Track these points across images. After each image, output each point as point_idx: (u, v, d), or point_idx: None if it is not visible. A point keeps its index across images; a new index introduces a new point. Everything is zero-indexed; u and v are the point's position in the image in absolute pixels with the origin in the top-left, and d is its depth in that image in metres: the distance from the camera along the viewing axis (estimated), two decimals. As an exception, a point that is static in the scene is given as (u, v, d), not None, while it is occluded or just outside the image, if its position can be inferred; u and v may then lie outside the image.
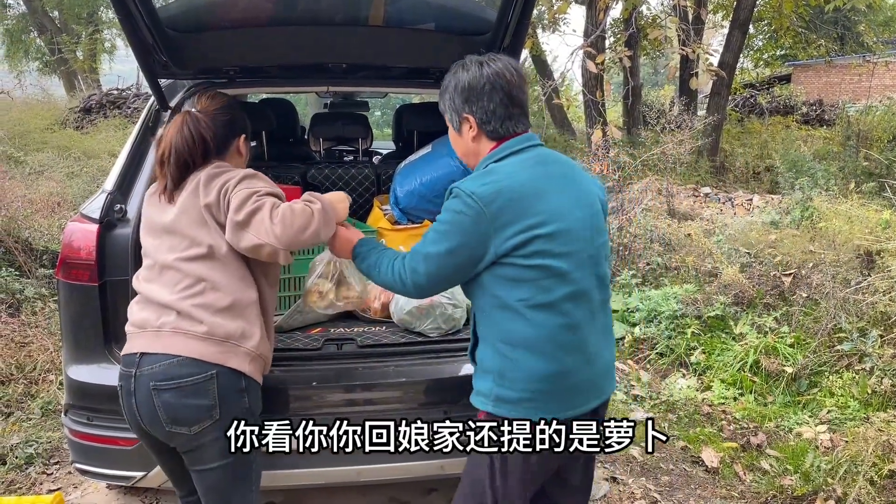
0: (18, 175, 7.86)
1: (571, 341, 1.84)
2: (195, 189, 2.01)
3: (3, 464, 3.37)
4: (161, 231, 2.04)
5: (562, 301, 1.81)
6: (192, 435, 1.93)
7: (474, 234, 1.79)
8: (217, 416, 1.93)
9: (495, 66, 1.90)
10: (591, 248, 1.88)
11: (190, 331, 1.93)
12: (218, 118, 2.12)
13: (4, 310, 4.63)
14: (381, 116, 24.08)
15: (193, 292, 1.96)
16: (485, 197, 1.78)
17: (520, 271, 1.80)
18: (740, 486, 3.33)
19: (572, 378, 1.85)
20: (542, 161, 1.91)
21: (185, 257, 1.98)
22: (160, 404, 1.90)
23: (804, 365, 4.26)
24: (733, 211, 8.94)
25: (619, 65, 11.49)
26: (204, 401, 1.91)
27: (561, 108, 15.22)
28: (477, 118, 1.91)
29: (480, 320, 1.92)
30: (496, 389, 1.87)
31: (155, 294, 1.99)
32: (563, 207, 1.83)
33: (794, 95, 18.89)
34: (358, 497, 3.18)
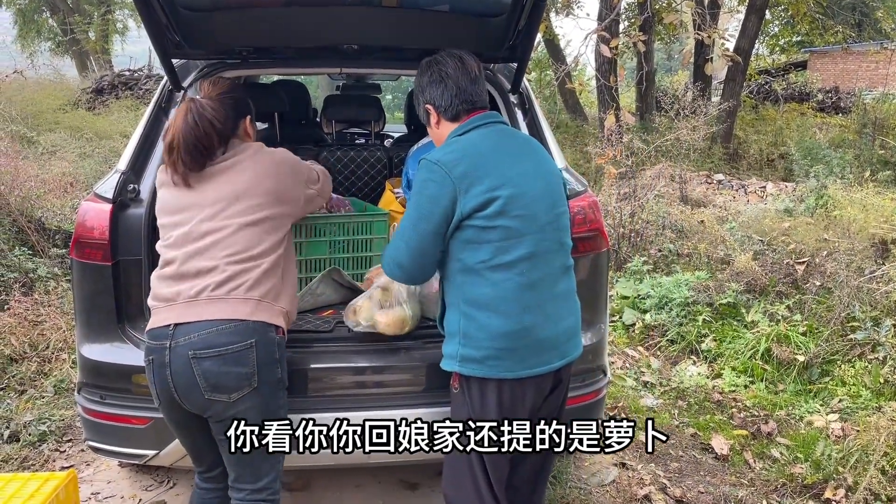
0: (31, 155, 7.89)
1: (530, 300, 1.98)
2: (266, 169, 2.16)
3: (17, 441, 3.40)
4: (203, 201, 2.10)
5: (520, 261, 1.97)
6: (231, 402, 1.99)
7: (442, 196, 1.96)
8: (255, 384, 2.00)
9: (442, 60, 2.15)
10: (549, 214, 2.04)
11: (229, 296, 2.01)
12: (223, 102, 2.16)
13: (18, 289, 4.66)
14: (393, 100, 24.00)
15: (240, 258, 2.04)
16: (448, 162, 1.97)
17: (480, 233, 1.96)
18: (750, 474, 3.33)
19: (532, 336, 1.99)
20: (502, 134, 2.13)
21: (242, 223, 2.07)
22: (200, 372, 1.96)
23: (816, 353, 4.24)
24: (746, 198, 8.88)
25: (633, 49, 11.39)
26: (244, 368, 1.98)
27: (573, 93, 15.10)
28: (434, 105, 2.15)
29: (446, 287, 2.09)
30: (461, 350, 2.02)
31: (192, 264, 2.04)
32: (521, 174, 2.01)
33: (810, 82, 18.69)
34: (367, 478, 3.19)
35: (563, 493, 3.08)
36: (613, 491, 3.16)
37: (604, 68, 10.27)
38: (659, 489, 3.18)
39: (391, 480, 3.19)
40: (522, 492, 2.28)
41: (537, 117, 2.98)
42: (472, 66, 2.15)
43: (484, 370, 2.00)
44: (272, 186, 2.15)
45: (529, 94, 3.08)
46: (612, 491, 3.16)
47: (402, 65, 3.31)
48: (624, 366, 4.55)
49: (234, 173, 2.13)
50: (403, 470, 3.23)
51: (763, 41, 20.73)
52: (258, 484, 2.10)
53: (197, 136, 2.07)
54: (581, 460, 3.39)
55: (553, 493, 3.05)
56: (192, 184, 2.10)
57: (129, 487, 3.13)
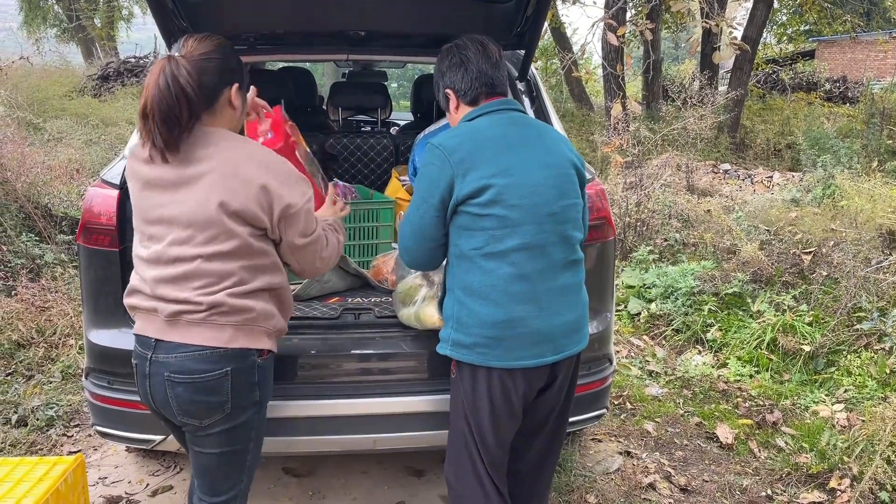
0: (38, 142, 7.90)
1: (521, 291, 1.96)
2: (212, 184, 1.80)
3: (25, 425, 3.43)
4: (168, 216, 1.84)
5: (513, 251, 1.95)
6: (202, 426, 1.91)
7: (441, 179, 1.96)
8: (228, 410, 1.90)
9: (463, 44, 2.13)
10: (552, 206, 1.99)
11: (207, 321, 1.84)
12: (202, 65, 1.82)
13: (25, 274, 4.67)
14: (398, 88, 23.94)
15: (215, 290, 1.83)
16: (449, 147, 1.98)
17: (474, 220, 1.95)
18: (754, 463, 3.33)
19: (522, 327, 1.97)
20: (514, 122, 2.08)
21: (207, 254, 1.82)
22: (173, 396, 1.86)
23: (822, 344, 4.23)
24: (753, 188, 8.84)
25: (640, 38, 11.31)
26: (217, 397, 1.87)
27: (579, 81, 15.01)
28: (453, 89, 2.13)
29: (447, 272, 2.10)
30: (453, 334, 2.04)
31: (165, 290, 1.85)
32: (523, 163, 1.98)
33: (818, 72, 18.56)
34: (373, 465, 3.21)
35: (568, 480, 3.09)
36: (618, 479, 3.17)
37: (610, 57, 10.22)
38: (664, 477, 3.19)
39: (397, 467, 3.20)
40: (527, 478, 2.29)
41: (545, 105, 2.97)
42: (494, 51, 2.13)
43: (473, 357, 2.00)
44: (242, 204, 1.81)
45: (537, 82, 3.07)
46: (616, 479, 3.17)
47: (408, 51, 3.30)
48: (629, 355, 4.55)
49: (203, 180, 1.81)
50: (409, 456, 3.25)
51: (771, 30, 20.60)
52: (215, 499, 2.02)
53: (169, 104, 1.75)
54: (586, 448, 3.40)
55: (558, 481, 3.06)
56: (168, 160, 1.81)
57: (136, 472, 3.15)
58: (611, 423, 3.66)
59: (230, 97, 1.91)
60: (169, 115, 1.75)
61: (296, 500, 2.96)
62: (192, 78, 1.77)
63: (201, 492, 2.03)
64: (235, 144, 1.86)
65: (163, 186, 1.83)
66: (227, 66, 1.89)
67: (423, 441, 2.63)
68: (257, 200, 1.81)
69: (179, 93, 1.75)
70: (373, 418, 2.52)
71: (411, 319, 2.41)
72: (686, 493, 3.10)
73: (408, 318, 2.43)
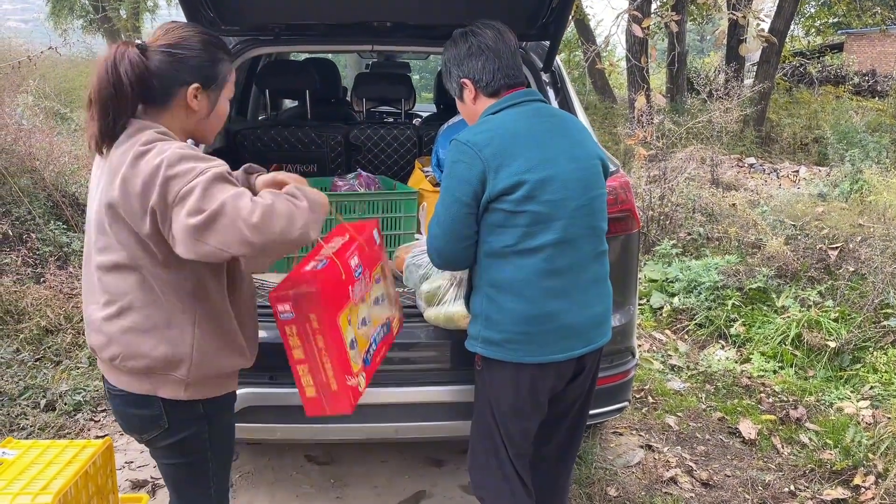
0: (65, 131, 7.98)
1: (555, 286, 1.94)
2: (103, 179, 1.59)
3: (53, 410, 3.49)
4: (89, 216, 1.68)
5: (546, 247, 1.91)
6: (144, 440, 1.81)
7: (472, 177, 1.90)
8: (166, 426, 1.73)
9: (480, 30, 2.04)
10: (581, 198, 1.96)
11: (115, 362, 1.69)
12: (155, 56, 1.61)
13: (53, 262, 4.74)
14: (419, 80, 23.90)
15: (109, 313, 1.66)
16: (478, 143, 1.91)
17: (506, 217, 1.90)
18: (777, 459, 3.31)
19: (555, 322, 1.95)
20: (538, 114, 2.02)
21: (100, 265, 1.65)
22: (112, 408, 1.78)
23: (848, 340, 4.18)
24: (779, 182, 8.74)
25: (665, 30, 11.19)
26: (149, 411, 1.72)
27: (602, 74, 14.91)
28: (471, 78, 2.04)
29: (474, 269, 2.05)
30: (483, 331, 2.01)
31: (84, 304, 1.75)
32: (553, 156, 1.93)
33: (846, 65, 18.25)
34: (393, 454, 3.23)
35: (589, 472, 3.09)
36: (639, 472, 3.16)
37: (635, 49, 10.13)
38: (685, 472, 3.18)
39: (417, 456, 3.22)
40: (550, 468, 2.29)
41: (569, 96, 2.96)
42: (511, 38, 2.06)
43: (504, 353, 1.98)
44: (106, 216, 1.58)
45: (562, 73, 3.05)
46: (637, 472, 3.17)
47: (433, 42, 3.30)
48: (651, 349, 4.53)
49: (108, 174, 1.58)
50: (429, 446, 3.26)
51: (799, 22, 20.26)
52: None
53: (107, 91, 1.57)
54: (607, 441, 3.40)
55: (579, 473, 3.06)
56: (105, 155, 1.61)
57: (162, 457, 3.20)
58: (632, 416, 3.64)
59: (188, 97, 1.66)
60: (105, 104, 1.57)
61: (317, 488, 2.99)
62: (133, 68, 1.57)
63: (171, 497, 1.95)
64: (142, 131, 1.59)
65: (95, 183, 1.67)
66: (187, 63, 1.64)
67: (444, 431, 2.65)
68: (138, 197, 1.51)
69: (117, 82, 1.56)
70: (394, 407, 2.54)
71: (440, 319, 2.39)
72: (708, 487, 3.08)
73: (435, 317, 2.40)
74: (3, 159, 5.25)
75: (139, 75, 1.57)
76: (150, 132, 1.58)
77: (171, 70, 1.63)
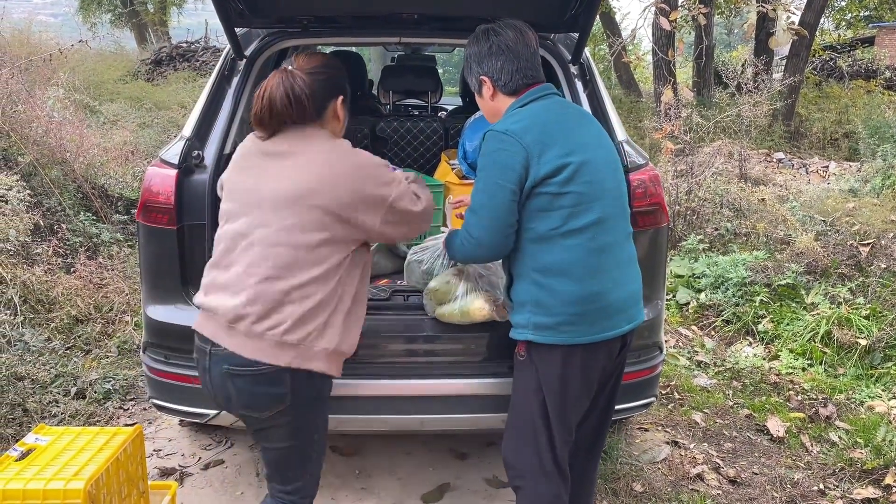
0: (94, 124, 8.09)
1: (600, 264, 2.00)
2: (337, 173, 1.89)
3: (84, 398, 3.54)
4: (266, 200, 1.89)
5: (591, 226, 1.98)
6: (262, 419, 1.95)
7: (515, 163, 1.95)
8: (288, 403, 1.91)
9: (501, 30, 2.09)
10: (613, 181, 2.07)
11: (264, 333, 1.85)
12: (315, 76, 1.94)
13: (83, 252, 4.81)
14: (443, 74, 23.87)
15: (293, 284, 1.85)
16: (518, 131, 1.97)
17: (551, 200, 1.96)
18: (806, 457, 3.26)
19: (603, 300, 2.01)
20: (562, 106, 2.13)
21: (292, 242, 1.86)
22: (233, 389, 1.90)
23: (879, 338, 4.11)
24: (808, 178, 8.60)
25: (693, 23, 11.06)
26: (277, 389, 1.89)
27: (628, 67, 14.77)
28: (490, 77, 2.10)
29: (514, 258, 2.07)
30: (533, 318, 2.03)
31: (233, 273, 1.89)
32: (586, 142, 2.03)
33: (878, 59, 17.88)
34: (418, 446, 3.24)
35: (615, 468, 3.07)
36: (665, 468, 3.14)
37: (661, 42, 10.01)
38: (712, 468, 3.15)
39: (441, 449, 3.22)
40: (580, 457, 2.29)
41: (598, 88, 2.93)
42: (531, 38, 2.12)
43: (559, 336, 2.01)
44: (339, 198, 1.87)
45: (590, 65, 3.03)
46: (663, 468, 3.14)
47: (460, 35, 3.28)
48: (677, 345, 4.49)
49: (298, 167, 1.90)
50: (453, 439, 3.27)
51: (829, 15, 19.90)
52: (286, 486, 2.06)
53: (284, 107, 1.88)
54: (632, 437, 3.37)
55: (604, 468, 3.04)
56: (260, 162, 1.94)
57: (189, 446, 3.24)
58: (658, 412, 3.62)
59: (336, 108, 2.01)
60: (280, 117, 1.91)
61: (342, 479, 3.01)
62: (307, 86, 1.90)
63: (271, 481, 2.08)
64: (332, 139, 2.00)
65: (252, 177, 1.96)
66: (335, 78, 2.01)
67: (470, 423, 2.65)
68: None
69: (295, 97, 1.88)
70: (420, 399, 2.54)
71: (454, 315, 2.40)
72: (735, 484, 3.05)
73: (450, 314, 2.41)
74: (34, 151, 5.33)
75: (313, 90, 1.91)
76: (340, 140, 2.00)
77: (326, 86, 1.96)
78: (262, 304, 1.85)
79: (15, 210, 4.51)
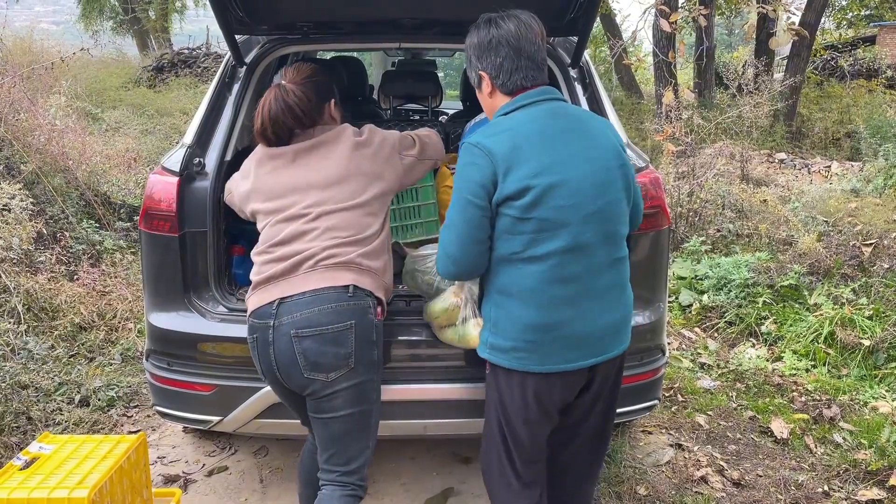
0: (96, 131, 8.12)
1: (563, 294, 1.89)
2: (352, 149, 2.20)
3: (87, 405, 3.55)
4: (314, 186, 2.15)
5: (555, 254, 1.86)
6: (329, 381, 2.03)
7: (483, 178, 1.85)
8: (352, 365, 2.04)
9: (504, 23, 1.95)
10: (596, 203, 1.89)
11: (332, 265, 2.07)
12: (305, 87, 2.18)
13: (86, 260, 4.82)
14: (444, 78, 23.88)
15: (346, 240, 2.10)
16: (488, 145, 1.86)
17: (513, 223, 1.86)
18: (810, 458, 3.26)
19: (563, 331, 1.90)
20: (552, 114, 1.94)
21: (345, 207, 2.13)
22: (301, 350, 2.01)
23: (883, 338, 4.10)
24: (810, 178, 8.59)
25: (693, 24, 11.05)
26: (343, 349, 2.02)
27: (629, 70, 14.77)
28: (489, 73, 1.97)
29: (485, 274, 2.02)
30: (490, 338, 1.99)
31: (295, 246, 2.10)
32: (565, 159, 1.87)
33: (879, 58, 17.86)
34: (421, 451, 3.24)
35: (618, 471, 3.07)
36: (669, 471, 3.14)
37: (662, 44, 10.01)
38: (716, 471, 3.14)
39: (444, 454, 3.22)
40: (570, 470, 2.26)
41: (598, 92, 2.94)
42: (537, 33, 1.96)
43: (510, 361, 1.95)
44: (366, 167, 2.20)
45: (590, 68, 3.03)
46: (667, 471, 3.14)
47: (460, 39, 3.29)
48: (680, 347, 4.48)
49: (323, 158, 2.18)
50: (456, 444, 3.27)
51: (830, 15, 19.89)
52: (349, 466, 2.11)
53: (283, 118, 2.14)
54: (636, 440, 3.37)
55: (608, 472, 3.04)
56: (286, 165, 2.19)
57: (193, 452, 3.24)
58: (661, 415, 3.61)
59: (330, 110, 2.28)
60: (280, 127, 2.16)
61: (346, 484, 3.00)
62: (300, 97, 2.15)
63: (332, 464, 2.12)
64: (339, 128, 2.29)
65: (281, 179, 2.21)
66: (324, 85, 2.26)
67: (473, 428, 2.62)
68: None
69: (289, 109, 2.13)
70: (423, 404, 2.54)
71: (455, 341, 2.33)
72: (739, 487, 3.05)
73: (451, 339, 2.34)
74: (37, 159, 5.35)
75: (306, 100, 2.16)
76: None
77: (316, 93, 2.21)
78: (327, 249, 2.09)
79: (18, 218, 4.52)
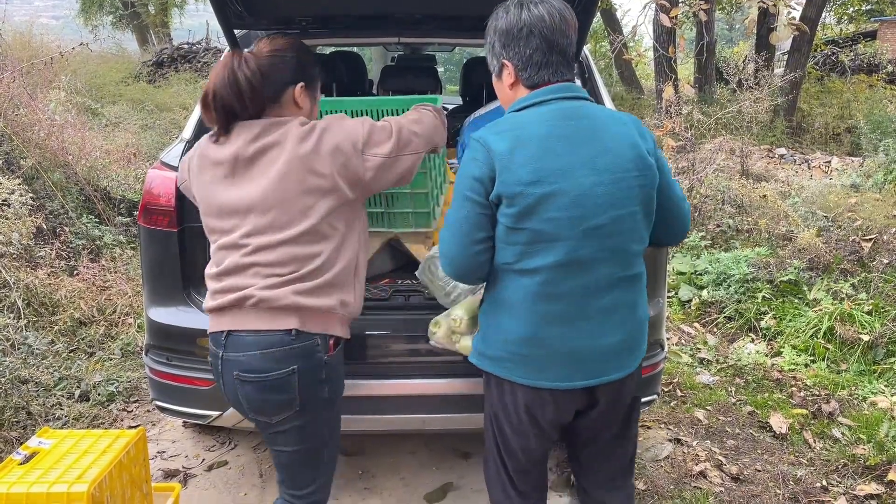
0: (96, 126, 8.11)
1: (553, 312, 1.77)
2: (293, 159, 1.83)
3: (87, 400, 3.55)
4: (241, 207, 1.86)
5: (544, 269, 1.74)
6: (272, 423, 1.95)
7: (482, 174, 1.74)
8: (297, 408, 1.91)
9: (536, 9, 1.78)
10: (600, 217, 1.72)
11: (274, 304, 1.85)
12: (267, 62, 1.87)
13: (86, 255, 4.82)
14: (444, 73, 23.84)
15: (288, 277, 1.85)
16: (491, 140, 1.74)
17: (507, 232, 1.75)
18: (809, 453, 3.26)
19: (550, 348, 1.79)
20: (566, 116, 1.77)
21: (283, 239, 1.84)
22: (243, 394, 1.91)
23: (882, 333, 4.11)
24: (810, 173, 8.58)
25: (694, 19, 11.02)
26: (285, 395, 1.88)
27: (629, 64, 14.73)
28: (514, 64, 1.82)
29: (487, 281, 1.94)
30: (480, 345, 1.93)
31: (237, 279, 1.88)
32: (568, 168, 1.71)
33: (880, 53, 17.83)
34: (421, 446, 3.24)
35: (617, 466, 3.07)
36: (668, 466, 3.14)
37: (662, 38, 10.00)
38: (715, 466, 3.15)
39: (444, 448, 3.23)
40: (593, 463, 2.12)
41: (597, 87, 2.93)
42: (572, 25, 1.81)
43: (498, 370, 1.88)
44: (312, 182, 1.83)
45: (589, 63, 3.03)
46: (666, 466, 3.14)
47: (460, 34, 3.28)
48: (679, 342, 4.49)
49: (265, 169, 1.84)
50: (456, 438, 3.27)
51: (830, 9, 19.86)
52: (300, 491, 2.05)
53: (227, 97, 1.83)
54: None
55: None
56: (225, 177, 1.88)
57: (193, 447, 3.25)
58: (660, 410, 3.62)
59: (294, 96, 1.93)
60: (225, 103, 1.84)
61: (346, 479, 3.01)
62: (253, 72, 1.83)
63: (284, 485, 2.07)
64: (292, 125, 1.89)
65: (228, 193, 1.90)
66: (293, 64, 1.92)
67: (472, 423, 2.63)
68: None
69: (237, 83, 1.82)
70: (422, 399, 2.55)
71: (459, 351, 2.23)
72: (738, 481, 3.05)
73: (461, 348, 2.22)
74: (36, 154, 5.35)
75: (261, 77, 1.84)
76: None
77: (279, 71, 1.89)
78: (267, 290, 1.86)
79: (17, 213, 4.52)
